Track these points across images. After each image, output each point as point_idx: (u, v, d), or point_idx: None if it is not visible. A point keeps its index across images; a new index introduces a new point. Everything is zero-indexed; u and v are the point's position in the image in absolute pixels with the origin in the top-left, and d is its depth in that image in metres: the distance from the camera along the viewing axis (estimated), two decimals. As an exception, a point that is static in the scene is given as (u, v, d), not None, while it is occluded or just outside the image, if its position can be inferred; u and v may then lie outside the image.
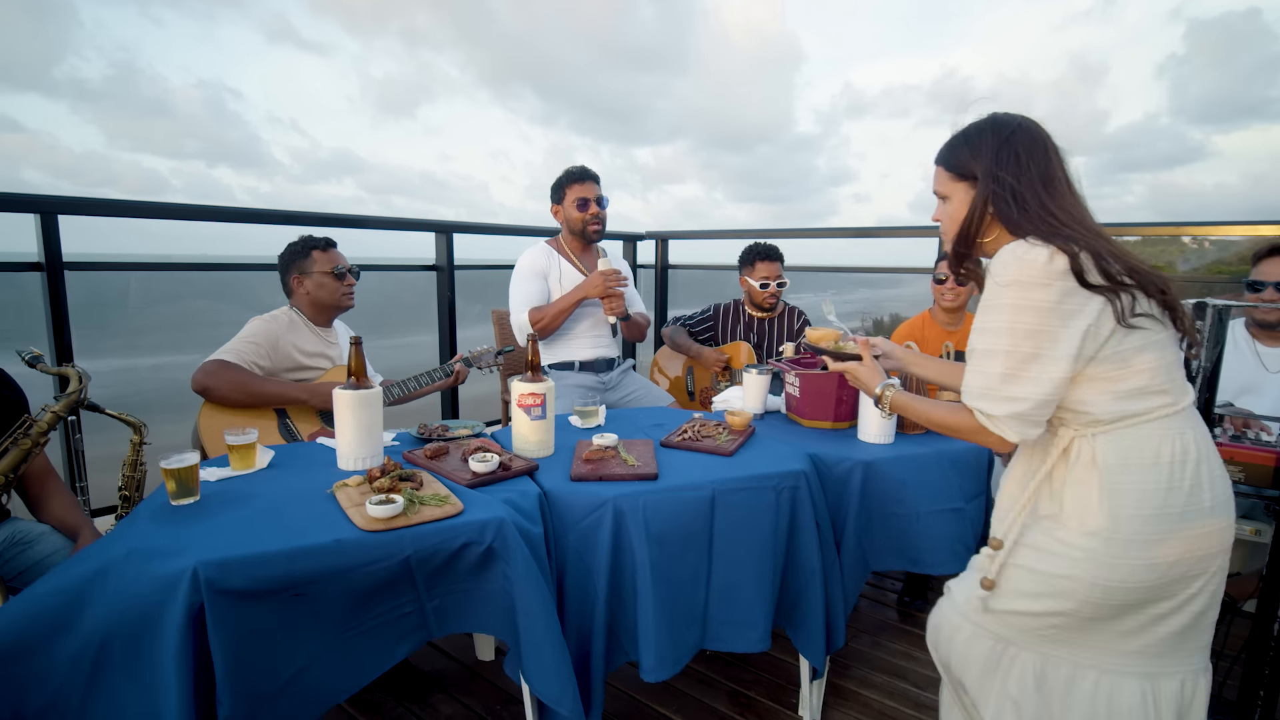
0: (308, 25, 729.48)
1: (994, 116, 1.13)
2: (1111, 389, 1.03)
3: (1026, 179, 1.06)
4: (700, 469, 1.51)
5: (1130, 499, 1.01)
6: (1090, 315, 1.00)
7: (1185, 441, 1.02)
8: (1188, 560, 1.01)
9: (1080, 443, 1.05)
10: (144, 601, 1.01)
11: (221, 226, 2.23)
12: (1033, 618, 1.08)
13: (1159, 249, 14.41)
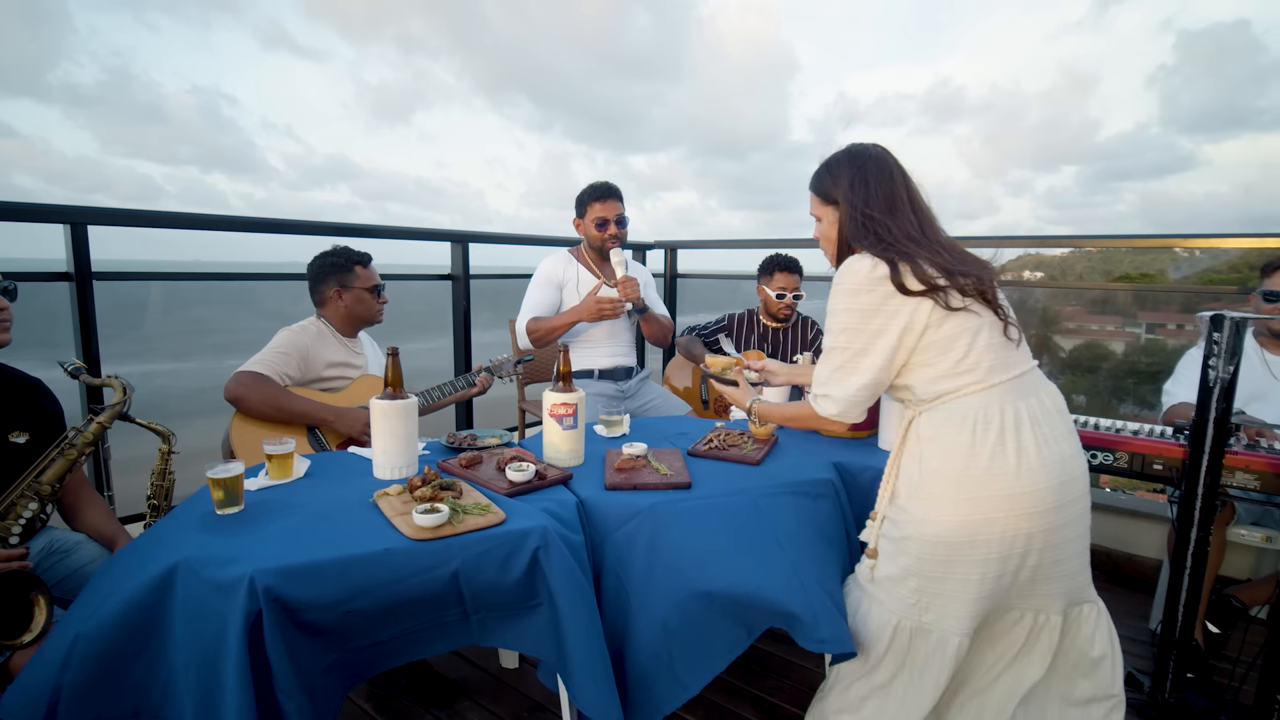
0: (303, 31, 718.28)
1: (850, 147, 1.33)
2: (930, 373, 1.22)
3: (874, 202, 1.25)
4: (730, 478, 1.53)
5: (936, 463, 1.20)
6: (907, 315, 1.19)
7: (990, 413, 1.18)
8: (1002, 519, 1.16)
9: (914, 421, 1.26)
10: (206, 609, 1.03)
11: (219, 235, 2.24)
12: (898, 582, 1.24)
13: (1150, 257, 14.45)
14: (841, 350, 1.25)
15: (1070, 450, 1.22)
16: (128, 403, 1.45)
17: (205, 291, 2.75)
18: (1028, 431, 1.18)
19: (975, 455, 1.17)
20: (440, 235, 2.92)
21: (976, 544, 1.17)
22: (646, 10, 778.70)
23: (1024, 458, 1.17)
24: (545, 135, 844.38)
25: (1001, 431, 1.17)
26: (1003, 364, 1.21)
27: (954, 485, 1.18)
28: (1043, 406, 1.22)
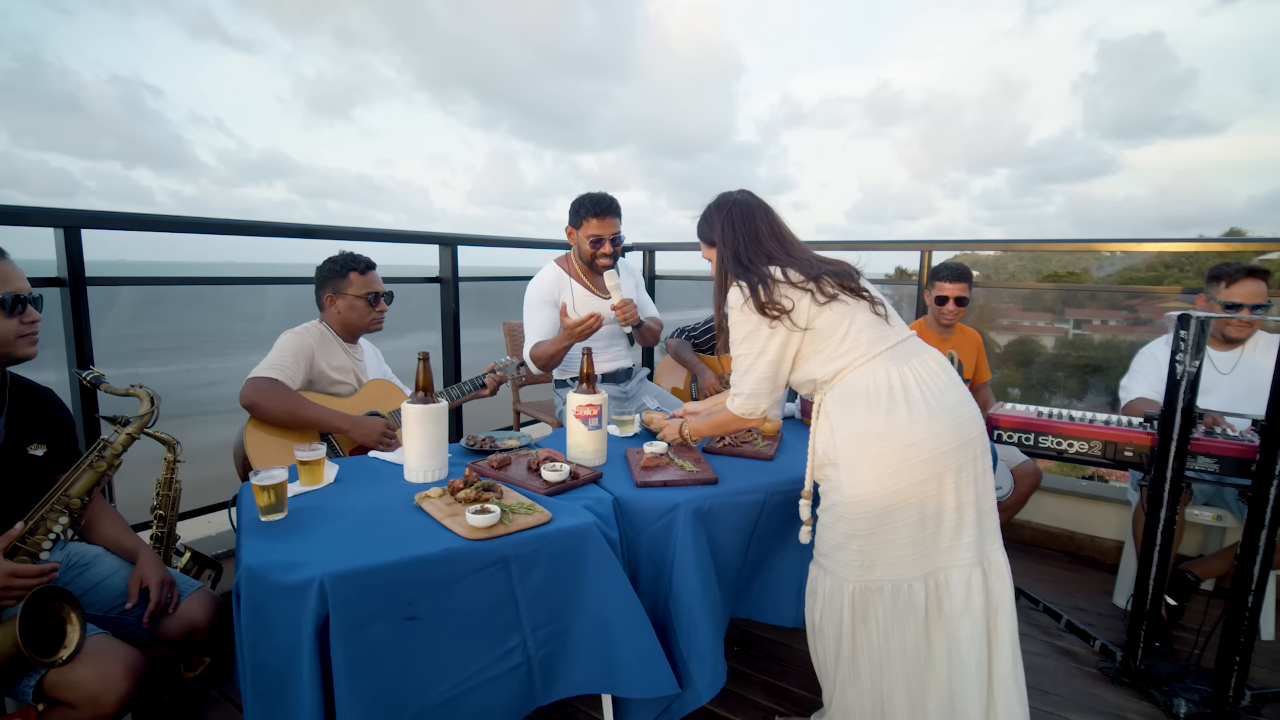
0: (234, 21, 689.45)
1: (719, 197, 1.57)
2: (821, 358, 1.41)
3: (741, 238, 1.48)
4: (748, 473, 1.61)
5: (842, 429, 1.37)
6: (785, 321, 1.39)
7: (878, 377, 1.36)
8: (906, 467, 1.31)
9: (821, 401, 1.43)
10: (277, 613, 1.05)
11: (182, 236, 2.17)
12: (841, 547, 1.38)
13: (1075, 257, 15.21)
14: (741, 356, 1.47)
15: (957, 398, 1.39)
16: (155, 413, 1.42)
17: (182, 294, 2.67)
18: (915, 389, 1.35)
19: (874, 416, 1.34)
20: (429, 238, 2.91)
21: (896, 493, 1.32)
22: (593, 8, 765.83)
23: (914, 409, 1.33)
24: (491, 132, 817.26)
25: (891, 391, 1.34)
26: (880, 337, 1.40)
27: (861, 445, 1.34)
28: (926, 366, 1.40)
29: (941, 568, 1.35)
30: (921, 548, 1.33)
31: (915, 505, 1.32)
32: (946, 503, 1.33)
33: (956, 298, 2.56)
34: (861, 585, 1.36)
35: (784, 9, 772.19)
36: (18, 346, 1.30)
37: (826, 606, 1.42)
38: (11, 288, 1.27)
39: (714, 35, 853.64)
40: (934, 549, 1.34)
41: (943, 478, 1.31)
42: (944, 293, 2.56)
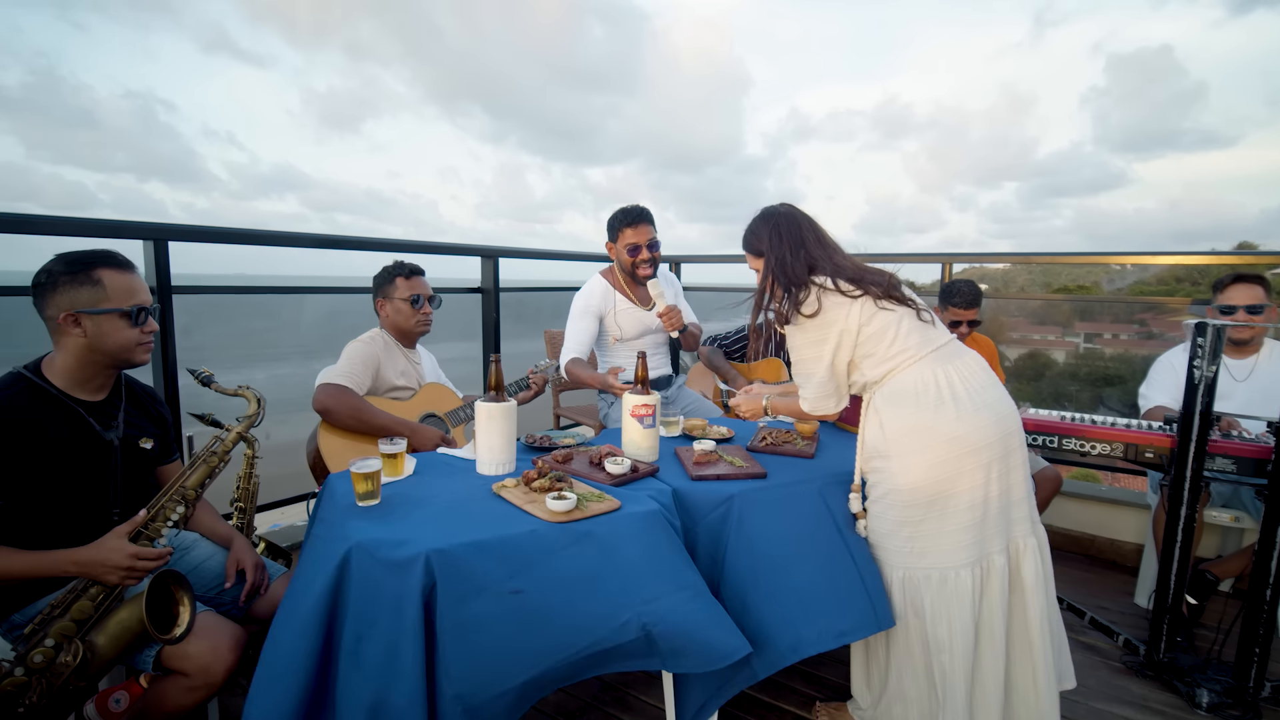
0: (246, 36, 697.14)
1: (763, 210, 1.69)
2: (874, 360, 1.53)
3: (788, 248, 1.59)
4: (793, 469, 1.72)
5: (892, 423, 1.49)
6: (841, 321, 1.52)
7: (925, 376, 1.48)
8: (953, 457, 1.43)
9: (870, 399, 1.56)
10: (382, 587, 1.17)
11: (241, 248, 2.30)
12: (891, 535, 1.50)
13: (1086, 270, 15.18)
14: (801, 362, 1.61)
15: (997, 394, 1.52)
16: (261, 414, 1.55)
17: (248, 305, 2.82)
18: (959, 386, 1.48)
19: (922, 412, 1.46)
20: (472, 251, 3.05)
21: (943, 482, 1.44)
22: (601, 22, 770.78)
23: (960, 405, 1.46)
24: (500, 146, 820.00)
25: (939, 389, 1.47)
26: (926, 340, 1.53)
27: (912, 438, 1.46)
28: (968, 366, 1.53)
29: (988, 554, 1.47)
30: (970, 534, 1.45)
31: (964, 494, 1.44)
32: (992, 490, 1.45)
33: (970, 321, 2.58)
34: (909, 572, 1.48)
35: (791, 24, 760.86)
36: (136, 353, 1.43)
37: (886, 588, 1.52)
38: (136, 300, 1.40)
39: (721, 50, 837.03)
40: (981, 534, 1.46)
41: (989, 467, 1.44)
42: (958, 318, 2.57)
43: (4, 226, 1.70)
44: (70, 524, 1.35)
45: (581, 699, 1.88)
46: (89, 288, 1.35)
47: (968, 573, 1.46)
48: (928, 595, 1.48)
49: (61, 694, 1.25)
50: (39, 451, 1.30)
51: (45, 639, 1.26)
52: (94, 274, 1.36)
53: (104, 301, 1.36)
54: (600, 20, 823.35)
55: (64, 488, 1.35)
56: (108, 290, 1.36)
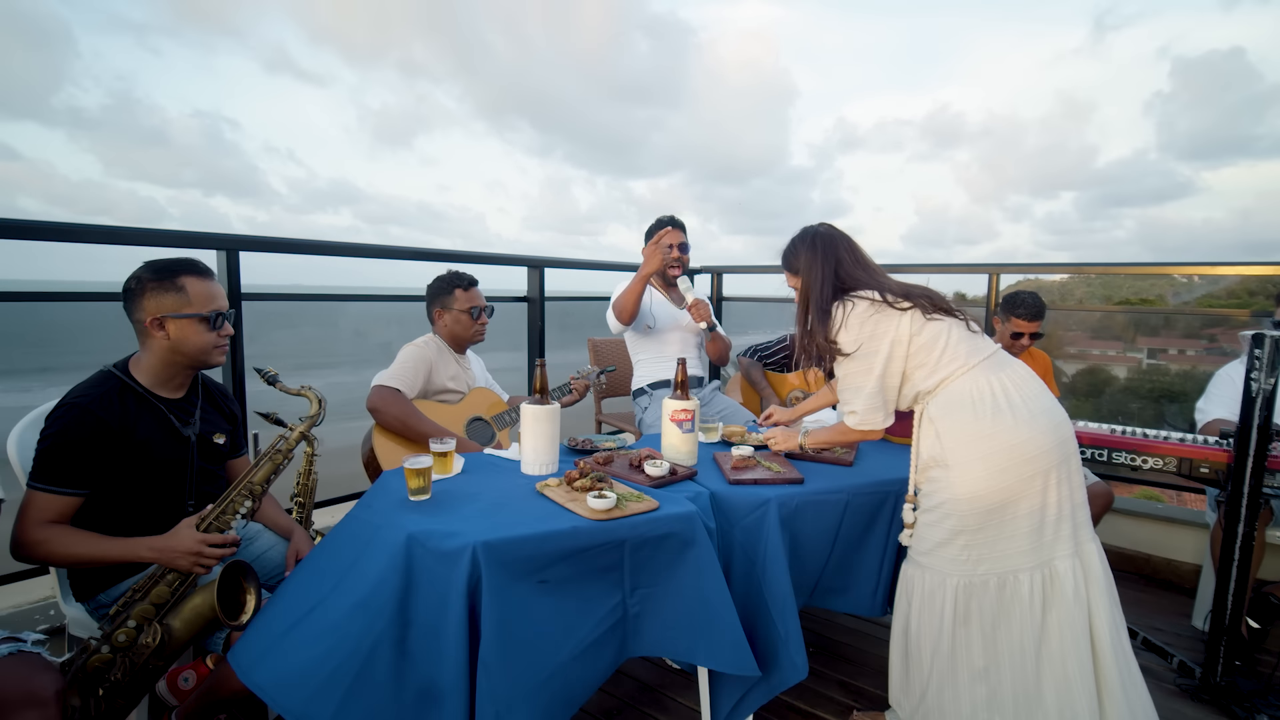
0: (306, 56, 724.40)
1: (803, 229, 1.72)
2: (925, 370, 1.54)
3: (825, 265, 1.63)
4: (831, 477, 1.74)
5: (949, 432, 1.49)
6: (892, 331, 1.54)
7: (980, 385, 1.49)
8: (1014, 465, 1.43)
9: (923, 409, 1.56)
10: (434, 575, 1.24)
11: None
12: (945, 544, 1.49)
13: (1149, 283, 14.41)
14: (850, 375, 1.60)
15: (1050, 402, 1.52)
16: (323, 414, 1.64)
17: (303, 310, 2.97)
18: (1014, 393, 1.49)
19: (980, 420, 1.46)
20: (519, 261, 3.15)
21: (1003, 490, 1.43)
22: (646, 36, 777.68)
23: (1017, 412, 1.46)
24: (546, 160, 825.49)
25: (994, 397, 1.48)
26: (976, 349, 1.55)
27: (971, 447, 1.46)
28: (1019, 374, 1.54)
29: (1046, 560, 1.46)
30: (1028, 541, 1.45)
31: (1023, 500, 1.44)
32: (1049, 498, 1.45)
33: (1032, 335, 2.55)
34: (966, 580, 1.47)
35: (838, 34, 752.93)
36: (212, 355, 1.54)
37: (925, 604, 1.52)
38: (214, 306, 1.52)
39: (767, 61, 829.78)
40: (1039, 542, 1.45)
41: (1046, 475, 1.44)
42: (1020, 329, 2.55)
43: (95, 237, 1.86)
44: (149, 513, 1.46)
45: (618, 698, 1.92)
46: (173, 294, 1.46)
47: (1026, 577, 1.46)
48: (983, 602, 1.47)
49: (141, 673, 1.35)
50: (125, 445, 1.42)
51: (128, 620, 1.36)
52: (178, 281, 1.47)
53: (186, 307, 1.47)
54: (645, 35, 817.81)
55: (145, 479, 1.46)
56: (189, 296, 1.48)
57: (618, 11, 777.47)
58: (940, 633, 1.51)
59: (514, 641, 1.24)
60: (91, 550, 1.37)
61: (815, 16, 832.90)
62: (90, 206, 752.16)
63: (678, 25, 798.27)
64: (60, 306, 2.00)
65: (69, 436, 1.36)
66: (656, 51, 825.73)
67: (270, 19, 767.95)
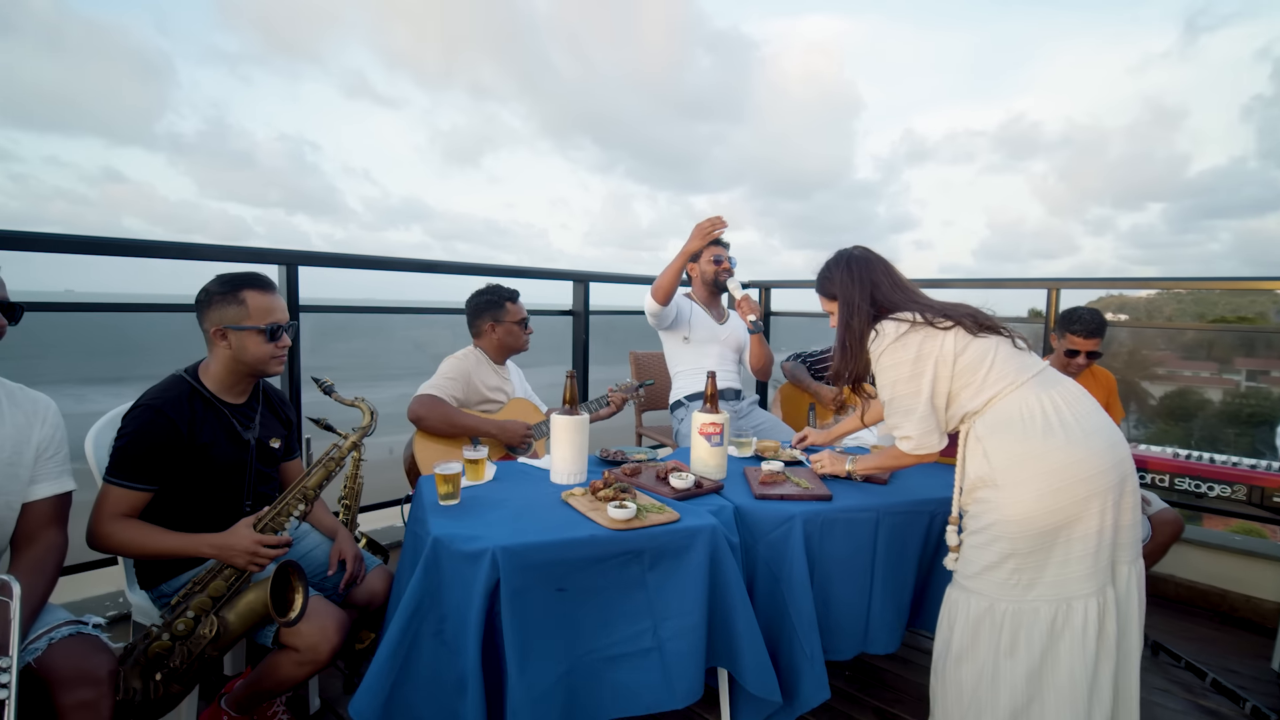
0: (382, 81, 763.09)
1: (838, 252, 1.71)
2: (972, 389, 1.49)
3: (861, 289, 1.60)
4: (863, 494, 1.71)
5: (998, 452, 1.43)
6: (935, 350, 1.49)
7: (1029, 402, 1.43)
8: (1068, 486, 1.36)
9: (970, 429, 1.50)
10: (457, 576, 1.29)
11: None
12: (995, 567, 1.42)
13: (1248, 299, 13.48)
14: (898, 398, 1.54)
15: (1104, 420, 1.46)
16: (374, 425, 1.73)
17: (358, 323, 3.12)
18: (1066, 411, 1.42)
19: (1030, 438, 1.40)
20: (564, 275, 3.23)
21: (1056, 512, 1.36)
22: (709, 52, 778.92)
23: (1069, 431, 1.40)
24: (608, 176, 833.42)
25: (1045, 415, 1.42)
26: (1024, 366, 1.49)
27: (1021, 467, 1.40)
28: (1070, 391, 1.47)
29: (1100, 587, 1.40)
30: (1083, 566, 1.39)
31: (1077, 523, 1.38)
32: (1106, 521, 1.38)
33: (1089, 353, 2.41)
34: (1016, 606, 1.41)
35: (906, 45, 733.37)
36: (270, 365, 1.65)
37: (970, 630, 1.46)
38: (273, 318, 1.62)
39: (831, 74, 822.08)
40: (1095, 568, 1.39)
41: (1102, 496, 1.37)
42: (1076, 346, 2.41)
43: (173, 253, 2.03)
44: (209, 511, 1.57)
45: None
46: (235, 306, 1.58)
47: (1081, 605, 1.39)
48: (1033, 631, 1.40)
49: (197, 661, 1.45)
50: (191, 445, 1.53)
51: (187, 610, 1.46)
52: (240, 294, 1.59)
53: (246, 319, 1.58)
54: (707, 51, 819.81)
55: (207, 478, 1.57)
56: (249, 309, 1.59)
57: (680, 30, 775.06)
58: (984, 661, 1.44)
59: (536, 640, 1.28)
60: (156, 543, 1.49)
61: (882, 28, 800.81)
62: (186, 225, 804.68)
63: (740, 41, 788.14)
64: (145, 317, 2.18)
65: (141, 435, 1.49)
66: (719, 67, 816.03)
67: (350, 47, 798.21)
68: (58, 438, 1.39)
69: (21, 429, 1.32)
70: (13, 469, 1.31)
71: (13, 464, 1.30)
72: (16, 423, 1.32)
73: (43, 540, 1.34)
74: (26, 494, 1.33)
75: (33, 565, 1.30)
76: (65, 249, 1.86)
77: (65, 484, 1.39)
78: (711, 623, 1.44)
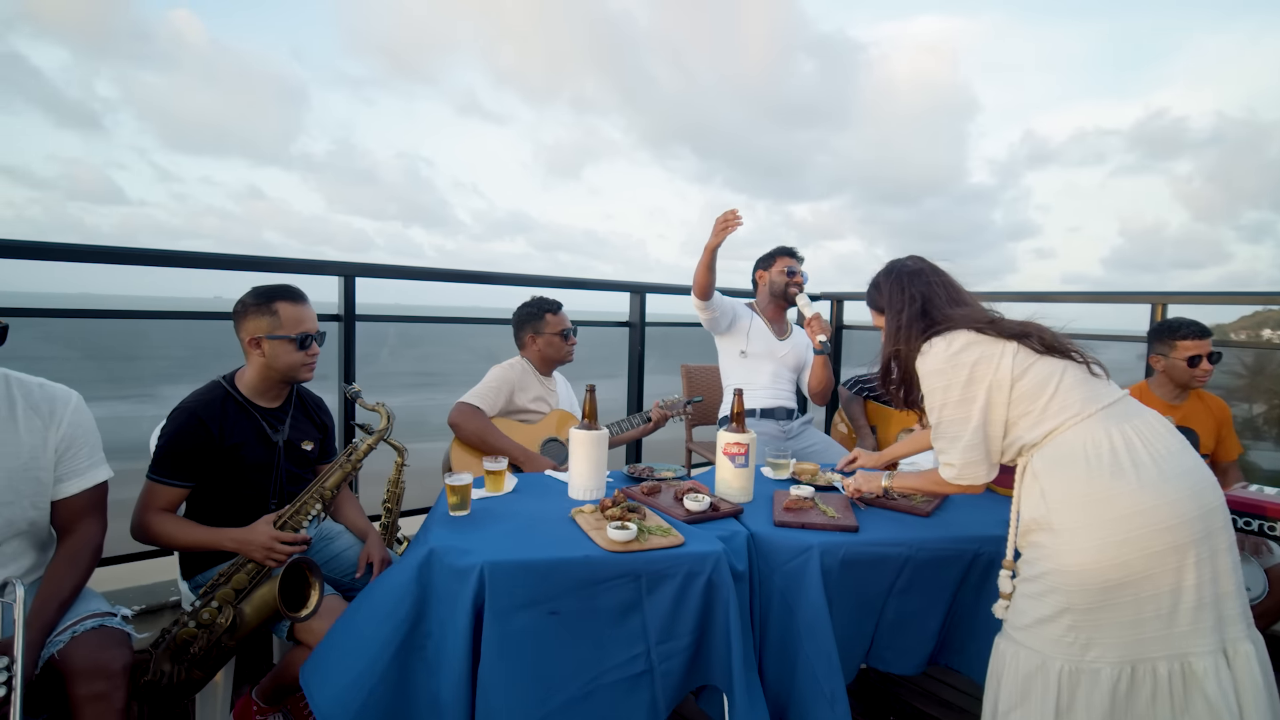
0: (491, 98, 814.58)
1: (888, 264, 1.60)
2: (1030, 419, 1.32)
3: (911, 303, 1.48)
4: (896, 527, 1.57)
5: (1056, 491, 1.26)
6: (990, 373, 1.34)
7: (1096, 437, 1.25)
8: (1139, 536, 1.17)
9: (1028, 464, 1.33)
10: (447, 590, 1.28)
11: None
12: (1049, 622, 1.24)
13: None
14: (944, 422, 1.40)
15: (1192, 462, 1.26)
16: (390, 428, 1.78)
17: (418, 331, 3.24)
18: (1141, 450, 1.24)
19: (1095, 479, 1.22)
20: (621, 286, 3.21)
21: (1123, 565, 1.18)
22: (811, 57, 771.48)
23: (1143, 472, 1.21)
24: (706, 186, 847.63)
25: (1114, 453, 1.23)
26: (1093, 396, 1.31)
27: (1083, 511, 1.23)
28: (1150, 426, 1.28)
29: (1179, 654, 1.20)
30: (1153, 628, 1.20)
31: (1147, 580, 1.19)
32: (1186, 580, 1.19)
33: (1209, 354, 2.17)
34: (1073, 666, 1.23)
35: (1026, 42, 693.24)
36: (300, 372, 1.72)
37: (1020, 689, 1.28)
38: (303, 328, 1.69)
39: (943, 75, 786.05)
40: (1169, 632, 1.20)
41: (1182, 551, 1.18)
42: (1196, 351, 2.17)
43: (246, 265, 2.17)
44: (237, 508, 1.65)
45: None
46: (267, 317, 1.66)
47: (1149, 670, 1.20)
48: (1093, 695, 1.22)
49: (214, 649, 1.52)
50: (221, 446, 1.62)
51: (212, 600, 1.54)
52: (272, 305, 1.67)
53: (278, 329, 1.66)
54: (810, 56, 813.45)
55: (236, 477, 1.66)
56: (281, 320, 1.67)
57: (782, 36, 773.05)
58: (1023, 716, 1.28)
59: (516, 666, 1.24)
60: (187, 536, 1.58)
61: (1000, 25, 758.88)
62: (315, 238, 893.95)
63: (845, 44, 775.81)
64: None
65: (178, 436, 1.59)
66: (821, 72, 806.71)
67: (462, 67, 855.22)
68: (78, 435, 1.41)
69: (37, 433, 1.35)
70: (32, 473, 1.34)
71: (30, 469, 1.34)
72: (32, 428, 1.35)
73: (78, 533, 1.41)
74: (56, 492, 1.38)
75: (67, 558, 1.38)
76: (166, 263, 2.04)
77: (96, 476, 1.44)
78: (704, 651, 1.36)
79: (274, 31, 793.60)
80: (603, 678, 1.30)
